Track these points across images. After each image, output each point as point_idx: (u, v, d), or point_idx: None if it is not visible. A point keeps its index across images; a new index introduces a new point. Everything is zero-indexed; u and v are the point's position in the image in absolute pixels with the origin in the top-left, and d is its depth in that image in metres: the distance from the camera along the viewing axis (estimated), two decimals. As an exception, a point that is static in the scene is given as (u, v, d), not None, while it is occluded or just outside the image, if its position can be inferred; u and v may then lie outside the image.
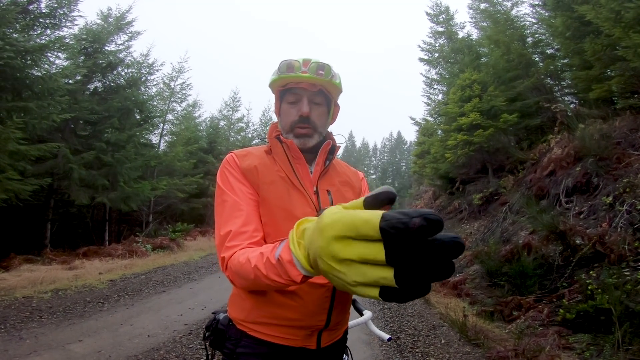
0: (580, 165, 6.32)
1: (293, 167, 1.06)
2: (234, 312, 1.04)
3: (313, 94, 1.08)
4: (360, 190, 1.20)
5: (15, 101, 6.84)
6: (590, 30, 8.02)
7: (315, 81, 1.05)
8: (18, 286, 5.34)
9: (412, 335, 4.14)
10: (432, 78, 17.60)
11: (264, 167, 1.05)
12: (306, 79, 1.04)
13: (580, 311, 3.73)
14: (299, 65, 1.04)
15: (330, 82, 1.06)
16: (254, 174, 1.03)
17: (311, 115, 1.06)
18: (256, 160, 1.06)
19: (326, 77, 1.05)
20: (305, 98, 1.07)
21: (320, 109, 1.09)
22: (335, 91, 1.12)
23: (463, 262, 7.25)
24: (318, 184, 1.08)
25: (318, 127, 1.08)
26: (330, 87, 1.08)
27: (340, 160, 1.24)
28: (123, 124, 11.00)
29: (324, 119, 1.11)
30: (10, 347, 3.30)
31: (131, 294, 5.56)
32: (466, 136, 10.95)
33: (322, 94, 1.09)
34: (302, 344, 0.99)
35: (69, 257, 7.84)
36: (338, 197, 1.09)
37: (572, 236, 4.76)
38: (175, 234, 12.78)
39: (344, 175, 1.18)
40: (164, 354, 3.39)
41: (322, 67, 1.04)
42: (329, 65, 1.06)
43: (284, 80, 1.07)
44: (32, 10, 8.32)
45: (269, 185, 1.02)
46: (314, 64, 1.04)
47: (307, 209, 1.02)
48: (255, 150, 1.12)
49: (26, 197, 7.08)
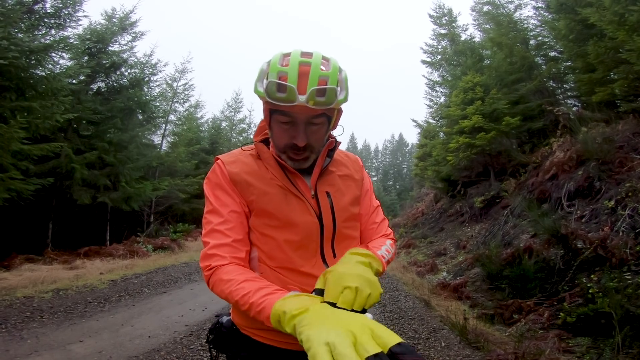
0: (582, 169, 6.32)
1: (285, 171, 1.00)
2: (237, 318, 1.04)
3: (311, 117, 0.91)
4: (362, 180, 1.13)
5: (19, 101, 6.89)
6: (593, 33, 8.02)
7: (313, 112, 0.90)
8: (19, 286, 5.36)
9: (412, 338, 4.13)
10: (434, 80, 17.61)
11: (255, 176, 0.98)
12: (300, 110, 0.89)
13: (581, 315, 3.73)
14: (292, 91, 0.84)
15: (337, 104, 0.91)
16: (243, 185, 0.97)
17: (309, 141, 0.93)
18: (246, 168, 0.99)
19: (328, 101, 0.87)
20: (302, 124, 0.91)
21: (319, 130, 0.94)
22: (339, 106, 0.96)
23: (464, 265, 7.24)
24: (317, 186, 1.02)
25: (316, 148, 0.97)
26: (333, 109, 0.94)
27: (338, 150, 1.12)
28: (125, 124, 11.05)
29: (320, 134, 0.96)
30: (11, 347, 3.31)
31: (132, 294, 5.57)
32: (468, 139, 10.96)
33: (322, 115, 0.92)
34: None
35: (70, 257, 7.87)
36: (339, 197, 1.03)
37: (574, 240, 4.75)
38: (176, 235, 12.82)
39: (344, 169, 1.09)
40: (164, 355, 3.39)
41: (323, 93, 0.86)
42: (332, 88, 0.86)
43: (272, 105, 0.90)
44: (37, 10, 8.39)
45: (264, 195, 0.96)
46: (312, 91, 0.84)
47: (307, 216, 0.97)
48: (243, 156, 1.03)
49: (28, 196, 7.11)
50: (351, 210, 1.05)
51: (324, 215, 0.99)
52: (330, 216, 1.00)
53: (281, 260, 0.96)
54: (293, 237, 0.96)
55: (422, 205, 19.35)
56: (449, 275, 7.34)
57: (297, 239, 0.96)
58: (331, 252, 1.00)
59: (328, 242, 1.00)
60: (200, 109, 20.28)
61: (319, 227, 0.98)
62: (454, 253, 9.23)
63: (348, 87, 0.95)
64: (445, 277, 7.31)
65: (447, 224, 12.73)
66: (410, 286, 6.98)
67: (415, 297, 6.16)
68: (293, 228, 0.96)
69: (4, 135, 6.19)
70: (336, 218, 1.00)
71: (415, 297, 6.16)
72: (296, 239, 0.96)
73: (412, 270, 8.49)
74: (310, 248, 0.98)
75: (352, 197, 1.06)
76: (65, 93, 7.88)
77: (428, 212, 17.11)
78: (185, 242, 11.77)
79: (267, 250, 0.98)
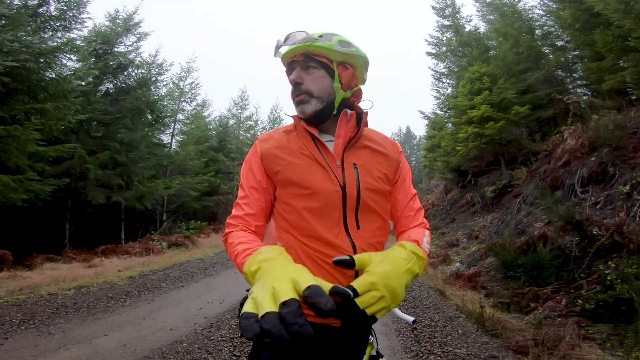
0: (595, 155, 6.25)
1: (316, 142, 1.06)
2: None
3: (304, 62, 1.05)
4: (397, 163, 1.15)
5: (32, 103, 6.99)
6: (599, 21, 7.90)
7: (294, 52, 1.05)
8: (42, 284, 5.50)
9: (429, 326, 4.17)
10: (440, 72, 17.44)
11: (282, 149, 1.06)
12: (286, 54, 1.08)
13: (600, 301, 3.71)
14: (280, 43, 1.07)
15: (310, 46, 1.02)
16: (271, 158, 1.06)
17: (304, 82, 1.05)
18: (276, 143, 1.08)
19: (301, 42, 1.03)
20: (298, 68, 1.06)
21: (315, 73, 1.05)
22: (327, 52, 1.04)
23: (477, 255, 7.23)
24: (344, 157, 1.05)
25: (313, 92, 1.04)
26: (315, 51, 1.04)
27: (376, 130, 1.20)
28: (135, 124, 11.18)
29: (320, 82, 1.05)
30: (40, 342, 3.41)
31: (151, 289, 5.69)
32: (477, 129, 10.88)
33: (312, 59, 1.05)
34: (328, 321, 1.01)
35: (88, 256, 8.03)
36: (366, 171, 1.06)
37: (589, 226, 4.71)
38: (189, 232, 12.99)
39: (378, 146, 1.13)
40: (186, 346, 3.47)
41: (295, 36, 1.05)
42: (304, 31, 1.05)
43: (282, 61, 1.11)
44: (42, 13, 8.46)
45: (289, 166, 1.03)
46: (290, 36, 1.05)
47: (329, 184, 1.01)
48: (277, 133, 1.13)
49: (46, 197, 7.26)
50: (378, 185, 1.06)
51: (348, 185, 1.02)
52: (355, 186, 1.02)
53: (305, 229, 1.01)
54: (313, 205, 1.00)
55: (432, 197, 19.26)
56: (462, 266, 7.33)
57: (317, 206, 1.00)
58: (355, 222, 1.02)
59: (351, 212, 1.02)
60: (207, 108, 20.42)
61: (342, 196, 1.01)
62: (467, 243, 9.20)
63: (342, 45, 1.05)
64: (459, 267, 7.31)
65: (458, 214, 12.68)
66: (423, 276, 6.99)
67: (429, 287, 6.19)
68: (314, 195, 1.00)
69: (20, 137, 6.31)
70: (361, 189, 1.03)
71: (429, 287, 6.19)
72: (316, 206, 1.00)
73: (424, 262, 8.48)
74: (333, 217, 1.01)
75: (382, 173, 1.08)
76: (75, 94, 7.98)
77: (439, 203, 17.03)
78: (198, 239, 11.91)
79: (292, 220, 1.02)
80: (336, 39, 1.05)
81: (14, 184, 6.31)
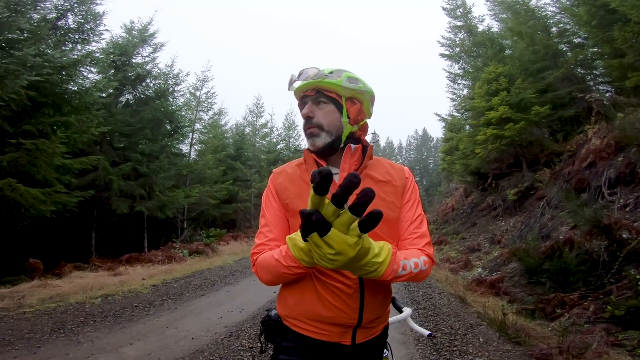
0: (622, 155, 6.03)
1: None
2: (280, 309, 1.16)
3: (315, 97, 1.12)
4: (404, 188, 1.17)
5: (57, 116, 7.22)
6: (617, 18, 7.70)
7: (306, 87, 1.12)
8: (71, 292, 5.70)
9: (449, 334, 4.09)
10: (455, 73, 17.26)
11: (293, 182, 1.14)
12: (299, 89, 1.14)
13: (631, 307, 3.57)
14: (294, 78, 1.14)
15: (321, 82, 1.09)
16: (282, 190, 1.14)
17: (315, 116, 1.11)
18: (287, 177, 1.16)
19: (313, 79, 1.09)
20: (309, 102, 1.13)
21: (325, 107, 1.11)
22: (336, 88, 1.10)
23: (500, 260, 7.06)
24: None
25: (324, 125, 1.10)
26: (325, 86, 1.10)
27: (382, 158, 1.24)
28: (155, 135, 11.46)
29: (330, 117, 1.11)
30: (70, 351, 3.53)
31: (173, 298, 5.81)
32: (496, 130, 10.66)
33: (323, 94, 1.11)
34: (337, 340, 1.06)
35: (114, 264, 8.27)
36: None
37: (618, 230, 4.54)
38: (209, 239, 13.20)
39: (384, 174, 1.16)
40: (208, 355, 3.52)
41: (307, 72, 1.10)
42: (316, 68, 1.11)
43: (294, 94, 1.19)
44: (61, 26, 8.70)
45: (296, 198, 1.11)
46: (302, 72, 1.11)
47: None
48: (290, 167, 1.21)
49: (72, 208, 7.52)
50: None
51: None
52: None
53: None
54: None
55: (451, 201, 18.95)
56: (484, 271, 7.17)
57: None
58: None
59: None
60: (223, 116, 20.77)
61: None
62: (489, 248, 9.00)
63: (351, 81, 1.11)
64: (481, 273, 7.15)
65: (479, 218, 12.43)
66: (443, 283, 6.89)
67: (449, 294, 6.08)
68: None
69: (47, 151, 6.52)
70: None
71: (449, 294, 6.08)
72: None
73: (444, 267, 8.35)
74: None
75: (387, 202, 1.10)
76: (97, 106, 8.19)
77: (458, 207, 16.75)
78: (218, 246, 12.07)
79: None
80: (345, 75, 1.11)
81: (43, 197, 6.56)
